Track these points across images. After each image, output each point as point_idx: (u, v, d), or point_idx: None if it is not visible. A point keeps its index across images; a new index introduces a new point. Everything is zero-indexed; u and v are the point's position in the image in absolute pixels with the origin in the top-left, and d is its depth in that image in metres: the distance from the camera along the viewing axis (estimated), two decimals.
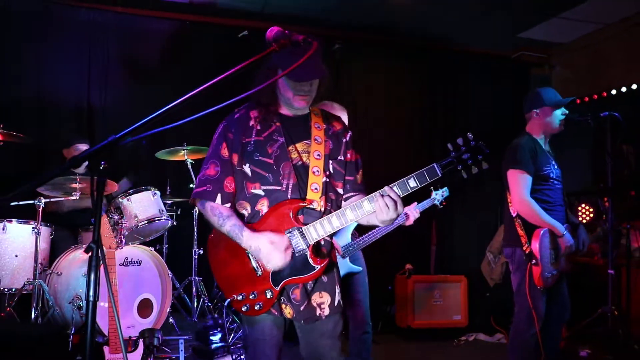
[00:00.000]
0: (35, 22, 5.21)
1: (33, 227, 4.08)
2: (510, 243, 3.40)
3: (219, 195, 2.13)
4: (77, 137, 4.82)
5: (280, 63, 2.05)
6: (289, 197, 2.09)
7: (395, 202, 1.96)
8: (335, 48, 6.00)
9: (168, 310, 4.25)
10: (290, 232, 2.05)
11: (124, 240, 4.18)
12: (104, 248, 2.58)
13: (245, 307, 2.11)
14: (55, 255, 4.33)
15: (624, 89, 5.61)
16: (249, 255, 2.08)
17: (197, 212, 4.91)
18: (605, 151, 4.90)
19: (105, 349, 3.02)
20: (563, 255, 3.27)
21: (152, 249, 4.32)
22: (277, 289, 2.07)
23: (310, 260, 2.06)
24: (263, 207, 2.11)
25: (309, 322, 2.13)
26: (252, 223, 2.11)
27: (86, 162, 1.49)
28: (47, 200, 4.18)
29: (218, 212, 2.10)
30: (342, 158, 2.25)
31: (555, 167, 3.40)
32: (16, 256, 4.08)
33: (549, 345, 3.33)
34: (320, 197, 2.11)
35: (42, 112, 5.22)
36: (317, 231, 2.05)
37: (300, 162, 2.14)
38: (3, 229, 4.05)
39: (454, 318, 5.32)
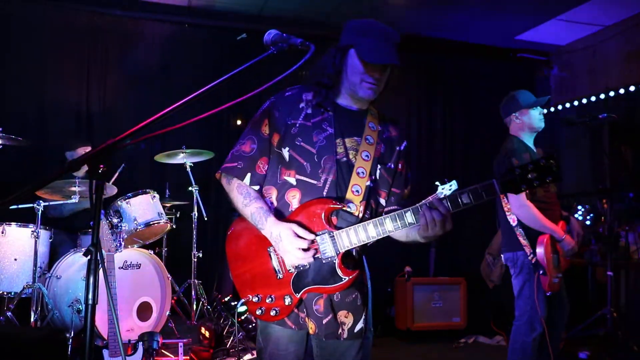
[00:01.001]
0: (35, 26, 5.24)
1: (32, 231, 4.08)
2: (510, 248, 3.37)
3: (249, 174, 1.94)
4: (81, 140, 4.85)
5: (356, 41, 1.90)
6: (325, 194, 1.89)
7: (444, 217, 1.75)
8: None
9: (167, 313, 4.24)
10: (320, 234, 1.84)
11: (122, 243, 4.18)
12: (103, 251, 2.58)
13: (260, 311, 1.91)
14: (54, 258, 4.33)
15: (622, 91, 5.63)
16: (271, 254, 1.89)
17: (196, 215, 4.91)
18: (603, 153, 4.92)
19: (105, 352, 3.01)
20: (566, 257, 3.28)
21: (152, 252, 4.31)
22: (298, 296, 1.86)
23: (339, 270, 1.83)
24: (294, 199, 1.91)
25: (330, 339, 1.90)
26: (284, 216, 1.91)
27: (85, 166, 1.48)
28: (47, 203, 4.20)
29: (246, 191, 1.93)
30: (392, 166, 2.04)
31: None
32: (15, 260, 4.09)
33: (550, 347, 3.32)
34: (360, 202, 1.90)
35: (41, 116, 5.25)
36: (349, 238, 1.83)
37: (345, 159, 1.93)
38: (2, 232, 4.06)
39: (454, 320, 5.32)
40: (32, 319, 3.94)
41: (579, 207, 4.95)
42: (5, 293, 4.03)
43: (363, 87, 1.92)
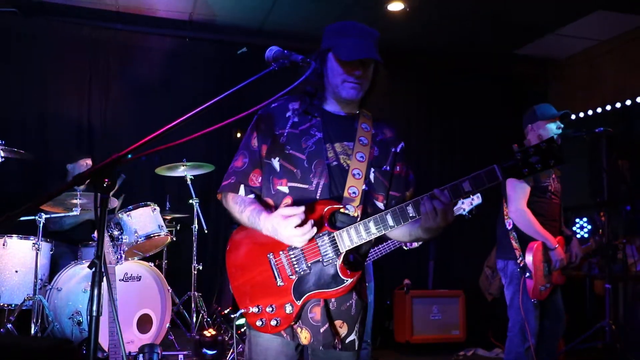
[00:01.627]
0: (38, 40, 5.32)
1: (34, 243, 4.10)
2: (503, 256, 3.44)
3: (242, 186, 1.93)
4: (81, 152, 4.89)
5: (333, 43, 1.88)
6: (318, 197, 1.85)
7: (445, 207, 1.70)
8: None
9: (167, 325, 4.25)
10: (320, 236, 1.80)
11: (123, 255, 4.20)
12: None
13: (261, 322, 1.85)
14: (55, 270, 4.35)
15: (618, 105, 5.69)
16: (271, 262, 1.85)
17: (197, 227, 4.93)
18: (601, 166, 4.95)
19: None
20: (555, 269, 3.31)
21: (152, 264, 4.33)
22: (299, 303, 1.81)
23: (340, 272, 1.79)
24: None
25: (328, 348, 1.84)
26: None
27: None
28: (48, 216, 4.23)
29: (240, 199, 1.92)
30: (389, 169, 1.98)
31: (556, 181, 3.44)
32: (16, 272, 4.09)
33: None
34: (358, 205, 1.86)
35: (42, 128, 5.31)
36: (350, 238, 1.79)
37: (336, 163, 1.89)
38: (4, 245, 4.07)
39: (453, 333, 5.34)
40: (32, 331, 3.95)
41: (577, 220, 5.00)
42: (6, 305, 4.03)
43: (345, 87, 1.89)
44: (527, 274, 3.24)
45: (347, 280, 1.79)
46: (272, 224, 1.78)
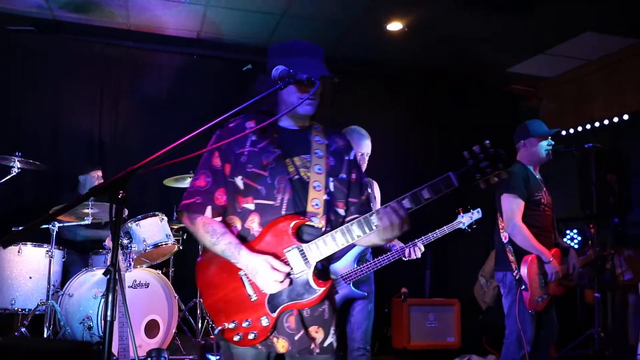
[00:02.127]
0: (51, 56, 5.48)
1: (47, 250, 4.22)
2: (501, 267, 3.50)
3: (209, 207, 1.93)
4: (92, 164, 5.04)
5: (284, 63, 1.92)
6: (283, 213, 1.89)
7: (402, 219, 1.79)
8: (334, 81, 6.26)
9: (174, 331, 4.31)
10: (289, 250, 1.85)
11: (132, 263, 4.26)
12: None
13: (238, 337, 1.87)
14: (66, 277, 4.47)
15: (606, 122, 5.81)
16: (243, 278, 1.88)
17: None
18: (590, 180, 5.12)
19: None
20: (550, 281, 3.37)
21: (159, 272, 4.39)
22: (275, 315, 1.85)
23: (312, 283, 1.85)
24: (253, 223, 1.91)
25: (304, 354, 1.89)
26: (248, 242, 1.90)
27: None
28: (61, 224, 4.38)
29: (211, 228, 1.90)
30: (345, 177, 2.05)
31: (547, 194, 3.52)
32: (30, 278, 4.22)
33: None
34: (321, 216, 1.92)
35: (55, 141, 5.44)
36: (319, 249, 1.85)
37: (297, 177, 1.94)
38: (19, 252, 4.20)
39: (448, 340, 5.43)
40: (45, 335, 4.06)
41: (567, 232, 5.16)
42: (20, 309, 4.15)
43: (302, 104, 1.92)
44: (523, 287, 3.28)
45: (319, 290, 1.85)
46: (255, 266, 1.81)
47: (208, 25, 5.48)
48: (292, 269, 1.85)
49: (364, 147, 3.39)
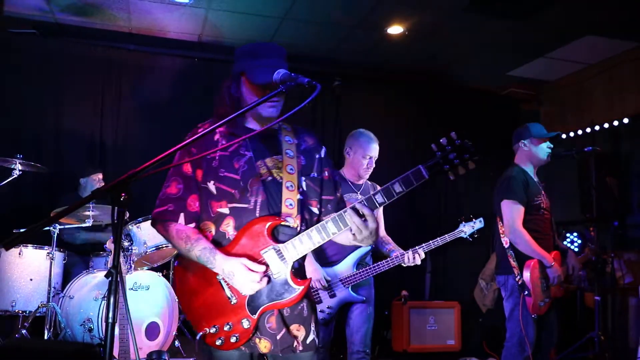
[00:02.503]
0: (53, 59, 5.50)
1: (48, 252, 4.23)
2: (502, 271, 3.50)
3: (182, 215, 1.93)
4: (93, 167, 5.06)
5: (245, 66, 1.93)
6: (258, 215, 1.89)
7: (364, 219, 1.80)
8: (335, 84, 6.30)
9: (174, 333, 4.30)
10: (266, 252, 1.86)
11: (133, 265, 4.27)
12: None
13: (220, 341, 1.87)
14: (67, 279, 4.47)
15: (606, 125, 5.82)
16: (222, 282, 1.88)
17: None
18: (590, 183, 5.13)
19: None
20: (553, 285, 3.38)
21: (160, 274, 4.38)
22: (255, 317, 1.86)
23: (291, 282, 1.86)
24: (228, 227, 1.91)
25: (287, 353, 1.90)
26: (223, 246, 1.89)
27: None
28: (62, 227, 4.39)
29: (185, 235, 1.89)
30: (317, 175, 2.07)
31: (546, 197, 3.53)
32: (31, 280, 4.23)
33: None
34: (296, 215, 1.93)
35: (57, 143, 5.45)
36: (296, 249, 1.86)
37: (270, 178, 1.95)
38: (19, 254, 4.21)
39: (448, 343, 5.44)
40: (45, 337, 4.06)
41: (567, 235, 5.17)
42: (20, 311, 4.16)
43: (264, 107, 1.93)
44: (526, 292, 3.29)
45: (299, 288, 1.87)
46: (231, 269, 1.81)
47: (209, 29, 5.50)
48: (269, 269, 1.85)
49: (372, 151, 3.39)
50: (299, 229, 1.93)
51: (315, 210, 2.05)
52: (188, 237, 1.88)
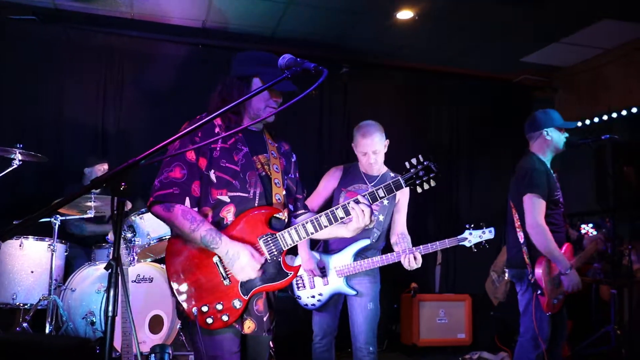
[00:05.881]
0: (54, 46, 5.41)
1: (49, 244, 4.19)
2: (515, 265, 3.40)
3: (187, 199, 2.04)
4: (95, 156, 4.99)
5: (259, 71, 2.09)
6: (257, 204, 2.09)
7: (369, 208, 2.06)
8: (343, 72, 6.20)
9: (178, 326, 4.25)
10: (263, 237, 2.06)
11: (136, 257, 4.24)
12: None
13: (211, 319, 1.99)
14: (69, 271, 4.43)
15: (624, 112, 5.70)
16: (217, 264, 2.02)
17: None
18: (606, 173, 5.00)
19: None
20: (568, 291, 3.25)
21: (164, 266, 4.34)
22: (247, 297, 2.02)
23: (283, 267, 2.08)
24: (229, 214, 2.06)
25: (270, 334, 2.11)
26: (222, 229, 2.03)
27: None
28: (63, 218, 4.32)
29: (191, 216, 1.99)
30: (293, 176, 2.33)
31: (560, 190, 3.43)
32: (32, 272, 4.18)
33: None
34: (283, 209, 2.17)
35: (58, 133, 5.38)
36: (291, 237, 2.07)
37: (264, 173, 2.15)
38: (20, 246, 4.17)
39: (459, 336, 5.39)
40: (47, 330, 4.02)
41: (582, 226, 5.04)
42: (21, 304, 4.12)
43: (267, 111, 2.12)
44: (539, 292, 3.19)
45: (290, 273, 2.09)
46: (236, 252, 1.98)
47: (214, 14, 5.40)
48: (265, 254, 2.06)
49: (365, 147, 3.27)
50: (286, 220, 2.19)
51: (292, 206, 2.32)
52: (194, 218, 1.99)
